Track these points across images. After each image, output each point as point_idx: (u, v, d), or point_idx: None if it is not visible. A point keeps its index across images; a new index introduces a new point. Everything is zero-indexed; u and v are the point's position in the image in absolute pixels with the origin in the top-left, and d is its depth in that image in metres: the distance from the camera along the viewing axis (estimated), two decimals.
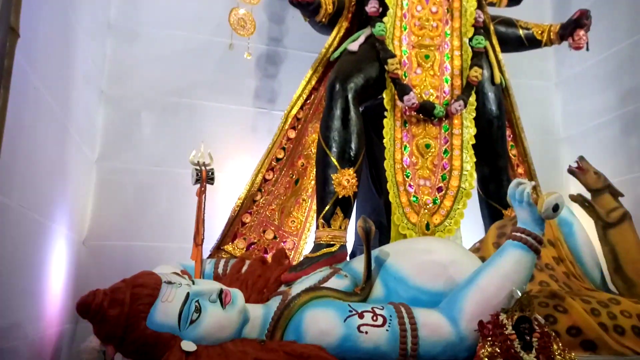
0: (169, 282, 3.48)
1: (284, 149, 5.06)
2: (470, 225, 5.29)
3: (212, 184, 4.37)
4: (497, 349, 3.12)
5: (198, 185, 4.29)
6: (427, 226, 4.70)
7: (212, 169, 4.40)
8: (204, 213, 4.29)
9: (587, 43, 5.11)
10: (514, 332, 3.18)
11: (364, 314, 3.44)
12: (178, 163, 5.33)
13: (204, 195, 4.35)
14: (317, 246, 4.34)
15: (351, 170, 4.46)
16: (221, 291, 3.52)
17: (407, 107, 4.77)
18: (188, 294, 3.33)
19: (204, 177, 4.34)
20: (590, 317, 3.68)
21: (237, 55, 5.57)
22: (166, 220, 5.45)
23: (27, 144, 3.50)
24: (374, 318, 3.46)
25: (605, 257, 4.73)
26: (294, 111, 5.06)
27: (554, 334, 3.30)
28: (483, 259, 4.04)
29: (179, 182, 5.32)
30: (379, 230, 4.66)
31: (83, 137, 5.03)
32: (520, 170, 5.53)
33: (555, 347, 3.17)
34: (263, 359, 3.21)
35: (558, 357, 3.11)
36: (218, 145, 4.99)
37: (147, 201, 5.51)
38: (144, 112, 5.79)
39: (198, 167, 4.31)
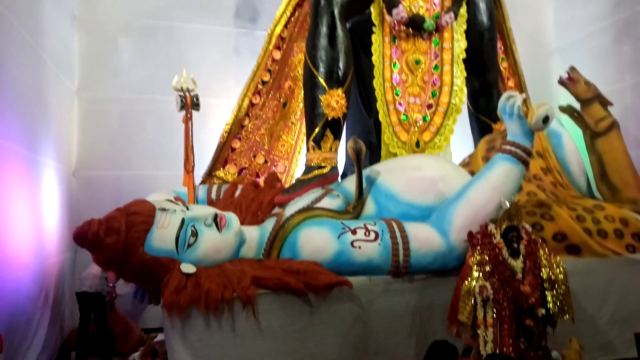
0: (163, 209, 3.50)
1: (269, 71, 4.91)
2: (460, 141, 5.30)
3: (198, 109, 4.27)
4: (485, 256, 3.24)
5: (184, 112, 4.24)
6: (417, 144, 4.70)
7: (197, 94, 4.27)
8: (192, 140, 4.23)
9: None
10: (502, 240, 3.30)
11: (357, 230, 3.56)
12: (161, 89, 5.16)
13: (190, 122, 4.27)
14: (309, 168, 4.35)
15: (340, 91, 4.37)
16: (216, 215, 3.55)
17: (396, 21, 4.58)
18: (183, 219, 3.39)
19: (189, 104, 4.23)
20: (575, 223, 3.83)
21: None
22: (155, 149, 5.40)
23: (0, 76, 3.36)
24: (367, 234, 3.57)
25: (592, 166, 4.83)
26: (277, 30, 4.86)
27: (540, 240, 3.44)
28: (472, 173, 4.10)
29: (164, 109, 5.20)
30: (369, 149, 4.65)
31: (60, 66, 4.84)
32: (510, 83, 5.46)
33: (541, 252, 3.31)
34: (261, 276, 3.35)
35: (544, 261, 3.25)
36: (200, 69, 4.82)
37: (133, 130, 5.43)
38: (120, 38, 5.54)
39: (182, 94, 4.19)
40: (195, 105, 4.19)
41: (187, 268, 3.19)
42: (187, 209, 3.47)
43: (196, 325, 3.09)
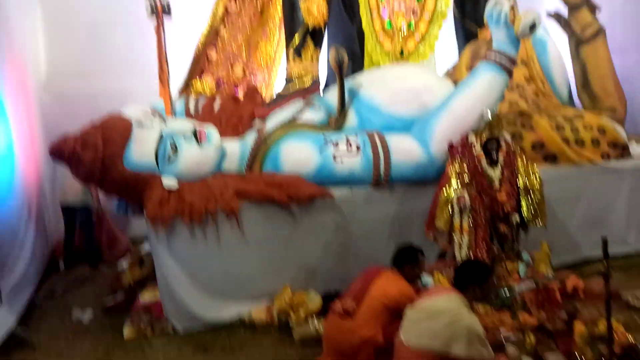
0: (140, 123, 3.40)
1: None
2: (445, 49, 5.16)
3: (169, 14, 4.01)
4: (464, 166, 3.29)
5: (155, 19, 3.98)
6: (401, 52, 4.55)
7: (168, 0, 4.03)
8: (165, 49, 4.01)
9: None
10: (481, 150, 3.34)
11: (339, 143, 3.55)
12: None
13: (162, 30, 4.03)
14: (289, 80, 4.20)
15: None
16: (195, 129, 3.51)
17: None
18: (161, 133, 3.34)
19: (160, 9, 3.99)
20: (554, 132, 3.86)
21: None
22: (127, 59, 5.13)
23: None
24: (349, 146, 3.55)
25: (575, 74, 4.77)
26: None
27: (519, 149, 3.49)
28: (456, 83, 4.03)
29: (134, 16, 4.86)
30: (352, 59, 4.49)
31: None
32: None
33: (519, 161, 3.38)
34: (244, 189, 3.38)
35: (521, 170, 3.32)
36: None
37: (103, 39, 5.12)
38: None
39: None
40: (166, 11, 3.95)
41: (169, 182, 3.21)
42: (165, 122, 3.42)
43: (181, 237, 3.17)
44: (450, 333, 2.11)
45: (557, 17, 4.76)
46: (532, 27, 3.37)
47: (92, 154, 3.08)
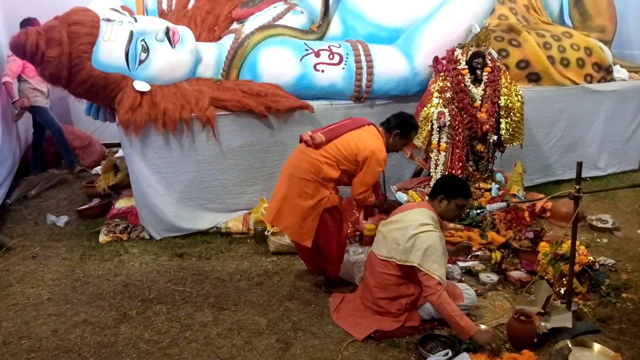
0: (108, 20, 3.14)
1: None
2: None
3: None
4: (447, 83, 3.22)
5: None
6: None
7: None
8: None
9: None
10: (466, 67, 3.25)
11: (321, 52, 3.39)
12: None
13: None
14: None
15: None
16: (168, 29, 3.28)
17: None
18: (132, 32, 3.12)
19: None
20: (541, 50, 3.78)
21: None
22: None
23: None
24: (331, 56, 3.42)
25: None
26: None
27: (504, 67, 3.42)
28: None
29: None
30: None
31: None
32: None
33: (503, 80, 3.31)
34: (220, 98, 3.26)
35: (504, 89, 3.27)
36: None
37: None
38: None
39: None
40: None
41: (141, 85, 3.04)
42: (135, 20, 3.17)
43: (155, 144, 3.08)
44: (410, 244, 2.17)
45: None
46: None
47: (58, 51, 2.87)
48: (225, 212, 3.29)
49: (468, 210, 3.13)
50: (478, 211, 3.07)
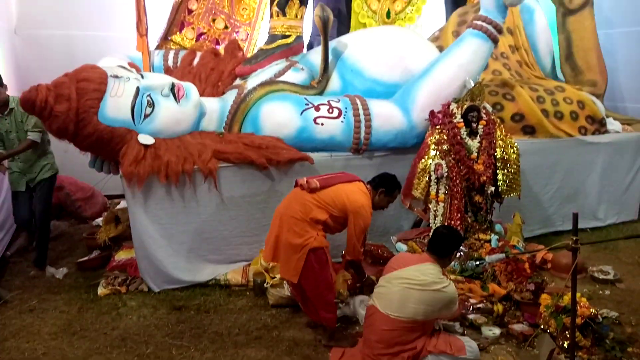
0: (116, 76, 3.27)
1: None
2: (431, 13, 5.06)
3: None
4: (444, 135, 3.30)
5: None
6: (388, 14, 4.45)
7: None
8: None
9: None
10: (461, 120, 3.34)
11: (320, 106, 3.50)
12: None
13: None
14: (272, 37, 4.09)
15: None
16: (173, 85, 3.40)
17: None
18: (138, 88, 3.23)
19: None
20: (534, 104, 3.88)
21: None
22: (105, 7, 4.91)
23: None
24: (330, 110, 3.52)
25: (560, 45, 4.76)
26: None
27: (499, 121, 3.50)
28: (441, 49, 3.99)
29: None
30: (338, 19, 4.39)
31: None
32: None
33: (498, 132, 3.39)
34: (222, 150, 3.33)
35: (500, 141, 3.35)
36: None
37: None
38: None
39: None
40: None
41: (145, 139, 3.12)
42: (142, 76, 3.29)
43: (157, 196, 3.12)
44: (437, 302, 2.22)
45: None
46: None
47: (66, 106, 2.96)
48: (225, 263, 3.28)
49: (469, 261, 3.15)
50: (477, 263, 3.08)
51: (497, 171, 3.31)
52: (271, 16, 4.13)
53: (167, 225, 3.16)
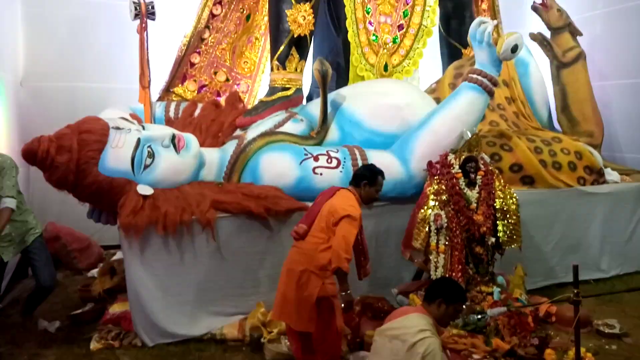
0: (117, 128, 3.32)
1: None
2: (429, 64, 5.19)
3: (154, 19, 3.95)
4: (442, 186, 3.31)
5: (138, 21, 3.93)
6: (386, 67, 4.56)
7: (152, 1, 3.91)
8: (147, 52, 3.95)
9: None
10: (460, 170, 3.35)
11: (319, 156, 3.53)
12: None
13: (145, 32, 3.96)
14: (272, 89, 4.18)
15: (307, 6, 4.10)
16: (174, 136, 3.43)
17: None
18: (139, 139, 3.25)
19: (144, 12, 3.89)
20: (532, 154, 3.91)
21: None
22: (108, 59, 5.04)
23: None
24: (329, 160, 3.54)
25: (555, 97, 4.87)
26: None
27: (497, 171, 3.52)
28: (438, 100, 4.07)
29: (117, 15, 4.79)
30: (337, 72, 4.50)
31: None
32: (484, 5, 5.27)
33: (497, 183, 3.40)
34: (221, 200, 3.32)
35: (499, 192, 3.35)
36: None
37: (84, 37, 5.01)
38: None
39: (136, 0, 3.88)
40: (151, 14, 3.89)
41: (144, 190, 3.13)
42: (143, 128, 3.34)
43: (154, 247, 3.09)
44: (410, 354, 2.08)
45: (540, 39, 4.85)
46: (514, 49, 3.42)
47: (67, 158, 2.98)
48: (221, 316, 3.20)
49: (471, 315, 3.07)
50: (479, 316, 3.00)
51: (497, 222, 3.29)
52: (272, 69, 4.25)
53: (162, 276, 3.11)
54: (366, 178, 2.75)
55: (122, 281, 3.51)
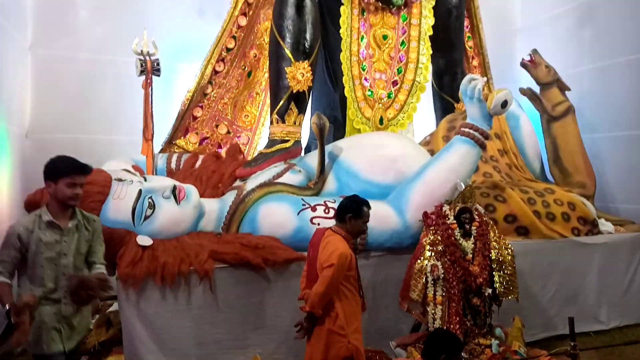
0: (120, 179, 3.41)
1: (234, 37, 4.77)
2: (423, 118, 5.36)
3: (159, 75, 4.12)
4: (438, 236, 3.35)
5: (144, 77, 4.10)
6: (381, 120, 4.73)
7: (158, 59, 4.11)
8: (152, 106, 4.09)
9: None
10: (455, 221, 3.40)
11: (317, 207, 3.60)
12: (120, 50, 4.94)
13: (150, 88, 4.12)
14: (272, 142, 4.32)
15: (306, 64, 4.33)
16: (175, 187, 3.51)
17: None
18: (140, 190, 3.34)
19: (149, 68, 4.07)
20: (526, 205, 3.97)
21: None
22: (113, 112, 5.20)
23: None
24: (326, 211, 3.60)
25: (547, 149, 5.00)
26: None
27: (492, 222, 3.57)
28: (432, 152, 4.19)
29: (123, 71, 4.99)
30: (334, 124, 4.66)
31: (11, 20, 4.55)
32: (474, 62, 5.52)
33: (492, 234, 3.44)
34: (220, 250, 3.35)
35: (494, 243, 3.39)
36: (163, 31, 4.63)
37: (90, 92, 5.19)
38: None
39: (142, 57, 4.03)
40: (156, 71, 4.06)
41: (144, 240, 3.17)
42: (145, 179, 3.42)
43: (151, 298, 3.09)
44: None
45: (530, 94, 5.03)
46: (504, 105, 3.54)
47: None
48: None
49: None
50: None
51: (494, 273, 3.31)
52: (271, 123, 4.40)
53: (159, 329, 3.09)
54: (351, 210, 2.73)
55: (118, 333, 3.48)
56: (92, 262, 2.65)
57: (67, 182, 2.51)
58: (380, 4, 4.63)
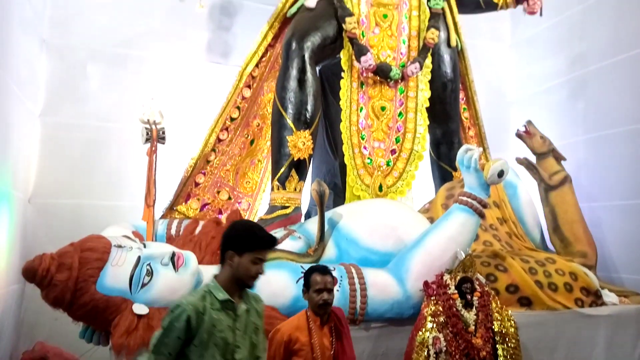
0: (119, 246, 3.38)
1: (238, 108, 4.94)
2: (421, 186, 5.43)
3: (164, 143, 4.22)
4: (440, 307, 3.30)
5: (149, 144, 4.20)
6: (380, 187, 4.79)
7: (163, 127, 4.24)
8: (155, 173, 4.17)
9: (540, 8, 5.18)
10: (456, 291, 3.36)
11: None
12: (127, 119, 5.11)
13: (154, 155, 4.22)
14: (272, 208, 4.37)
15: (307, 133, 4.45)
16: (173, 254, 3.50)
17: (364, 69, 4.75)
18: (139, 257, 3.29)
19: (155, 137, 4.19)
20: (527, 275, 3.93)
21: (189, 5, 5.32)
22: (116, 179, 5.29)
23: None
24: None
25: (546, 218, 5.01)
26: (249, 69, 4.91)
27: (493, 292, 3.52)
28: (432, 220, 4.20)
29: (128, 138, 5.13)
30: (334, 191, 4.72)
31: (24, 90, 4.72)
32: (471, 132, 5.66)
33: (494, 304, 3.39)
34: None
35: (496, 314, 3.33)
36: (169, 101, 4.81)
37: (95, 158, 5.31)
38: (89, 64, 5.45)
39: (148, 126, 4.15)
40: (161, 139, 4.16)
41: (139, 309, 3.10)
42: (144, 246, 3.41)
43: None
44: None
45: (526, 163, 5.12)
46: (501, 174, 3.61)
47: (66, 276, 3.02)
48: None
49: None
50: None
51: (497, 346, 3.23)
52: (272, 189, 4.46)
53: None
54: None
55: None
56: (257, 357, 2.29)
57: (253, 257, 2.24)
58: (378, 78, 4.83)
